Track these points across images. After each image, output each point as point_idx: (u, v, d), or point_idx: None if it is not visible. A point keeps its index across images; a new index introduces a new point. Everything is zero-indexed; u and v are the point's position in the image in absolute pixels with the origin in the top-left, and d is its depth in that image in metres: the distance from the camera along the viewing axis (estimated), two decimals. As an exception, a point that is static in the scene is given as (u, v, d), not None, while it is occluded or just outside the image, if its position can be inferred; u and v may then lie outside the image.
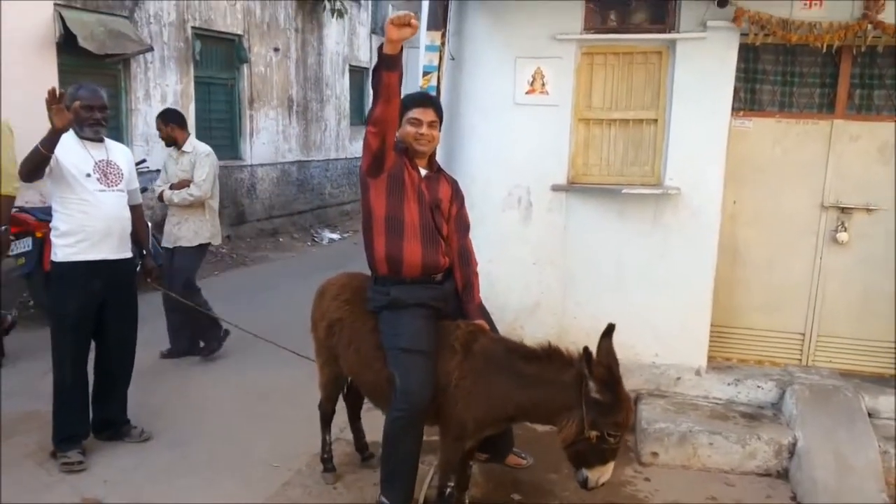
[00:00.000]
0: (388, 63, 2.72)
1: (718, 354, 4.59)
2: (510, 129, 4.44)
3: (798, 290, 4.44)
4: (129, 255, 4.06)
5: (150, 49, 8.60)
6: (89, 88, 3.93)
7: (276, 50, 11.22)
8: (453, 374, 2.98)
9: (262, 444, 4.10)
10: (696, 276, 4.30)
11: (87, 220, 3.82)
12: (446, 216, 3.24)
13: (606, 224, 4.40)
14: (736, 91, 4.36)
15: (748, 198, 4.44)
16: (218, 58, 10.20)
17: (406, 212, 3.08)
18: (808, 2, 4.04)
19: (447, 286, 3.22)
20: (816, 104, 4.33)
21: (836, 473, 3.65)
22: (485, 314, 3.35)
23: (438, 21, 4.35)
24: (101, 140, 3.96)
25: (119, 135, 8.60)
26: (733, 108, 4.37)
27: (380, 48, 2.72)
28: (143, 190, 7.80)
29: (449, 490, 3.15)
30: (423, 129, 3.11)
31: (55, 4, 7.53)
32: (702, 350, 4.36)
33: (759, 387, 4.28)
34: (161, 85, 9.06)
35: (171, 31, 9.17)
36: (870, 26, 3.90)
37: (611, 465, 2.84)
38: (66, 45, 7.55)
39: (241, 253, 9.97)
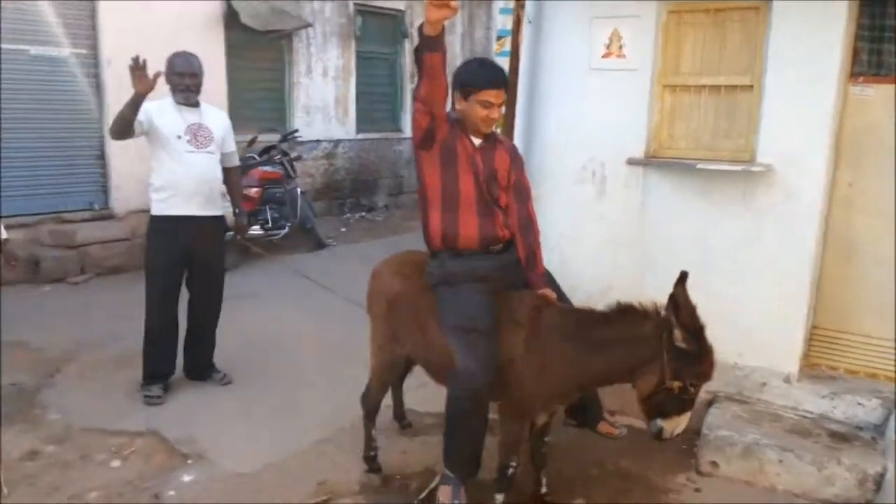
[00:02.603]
0: (430, 45, 2.61)
1: (823, 362, 3.95)
2: (585, 97, 4.10)
3: (926, 293, 3.67)
4: (217, 212, 4.35)
5: (309, 25, 9.10)
6: (182, 57, 4.21)
7: (441, 24, 11.34)
8: (518, 351, 2.86)
9: (322, 398, 4.22)
10: (792, 267, 3.71)
11: (177, 178, 4.15)
12: (504, 185, 3.09)
13: (688, 204, 3.92)
14: (856, 53, 3.68)
15: (867, 180, 3.73)
16: (380, 33, 10.54)
17: (461, 184, 2.97)
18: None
19: (507, 256, 3.09)
20: (954, 68, 3.52)
21: (926, 516, 3.00)
22: (552, 282, 3.20)
23: (513, -18, 4.13)
24: (195, 105, 4.25)
25: (282, 106, 9.27)
26: (853, 73, 3.70)
27: (420, 28, 2.62)
28: (298, 158, 8.42)
29: (511, 470, 3.02)
30: (494, 113, 2.98)
31: (224, -14, 8.21)
32: (794, 354, 3.77)
33: (859, 404, 3.61)
34: (322, 59, 9.57)
35: (332, 8, 9.62)
36: None
37: (687, 416, 2.72)
38: (231, 22, 8.20)
39: (395, 221, 10.29)
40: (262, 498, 3.25)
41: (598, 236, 4.18)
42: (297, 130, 8.51)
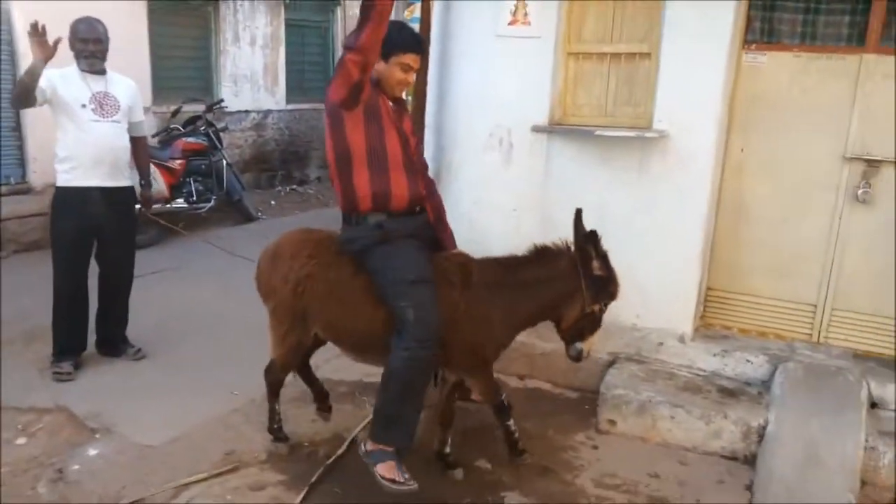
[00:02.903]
0: None
1: (718, 322, 4.12)
2: (491, 65, 4.13)
3: (812, 254, 3.85)
4: (124, 183, 4.27)
5: (235, -9, 8.90)
6: (86, 22, 4.09)
7: (374, -8, 11.21)
8: (460, 306, 2.93)
9: (234, 372, 4.20)
10: (685, 231, 3.84)
11: (81, 148, 4.05)
12: (412, 149, 3.12)
13: (589, 170, 4.01)
14: (750, 21, 3.80)
15: (759, 145, 3.88)
16: (311, 1, 10.35)
17: (387, 142, 2.93)
18: None
19: (425, 216, 3.13)
20: (844, 36, 3.66)
21: (800, 465, 3.19)
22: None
23: (422, -51, 4.11)
24: (101, 72, 4.14)
25: (208, 75, 9.06)
26: (746, 41, 3.82)
27: None
28: (225, 129, 8.28)
29: (505, 401, 3.21)
30: (411, 77, 2.99)
31: (143, -51, 7.94)
32: (688, 315, 3.92)
33: (748, 361, 3.79)
34: (251, 27, 9.37)
35: (261, -26, 9.41)
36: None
37: (598, 334, 3.10)
38: (155, -13, 7.96)
39: (327, 194, 10.22)
40: (168, 469, 3.25)
41: (505, 204, 4.25)
42: (222, 100, 8.35)
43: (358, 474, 3.06)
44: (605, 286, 3.02)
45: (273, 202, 9.18)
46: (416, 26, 4.14)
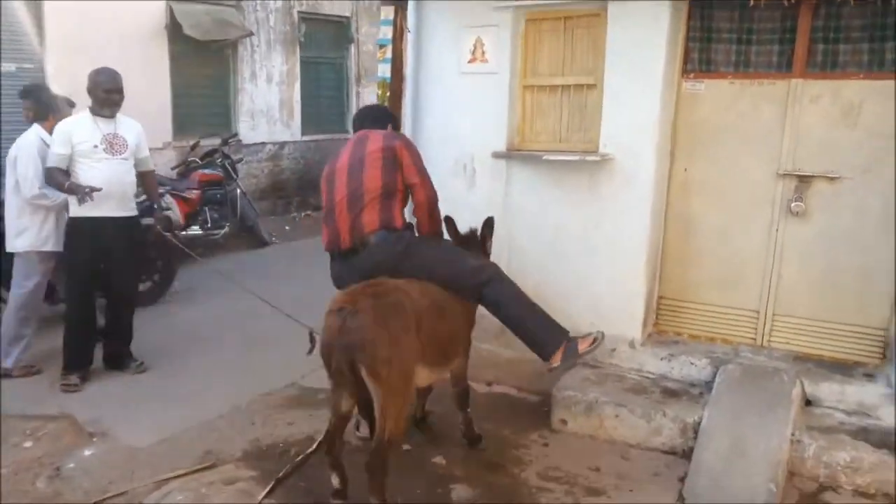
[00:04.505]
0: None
1: (670, 329, 4.41)
2: (456, 99, 4.54)
3: (752, 264, 4.13)
4: (130, 213, 4.75)
5: (251, 34, 9.49)
6: (107, 73, 4.59)
7: (387, 28, 11.76)
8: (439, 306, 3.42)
9: (227, 383, 4.63)
10: (631, 245, 4.15)
11: (92, 182, 4.53)
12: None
13: (544, 192, 4.37)
14: (688, 52, 4.15)
15: (700, 165, 4.19)
16: (325, 39, 10.95)
17: None
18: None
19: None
20: (774, 63, 3.97)
21: (726, 458, 3.44)
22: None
23: (391, -6, 4.56)
24: (112, 116, 4.64)
25: (226, 111, 9.66)
26: (685, 70, 4.15)
27: None
28: (240, 160, 8.82)
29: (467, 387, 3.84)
30: None
31: (167, -1, 8.61)
32: (636, 322, 4.21)
33: (692, 363, 4.07)
34: (267, 66, 9.97)
35: (277, 17, 10.02)
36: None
37: None
38: (174, 34, 8.59)
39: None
40: (152, 467, 3.63)
41: (470, 221, 4.56)
42: (237, 134, 8.92)
43: (324, 471, 3.38)
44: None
45: (287, 227, 9.68)
46: (387, 67, 4.60)
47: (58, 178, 4.42)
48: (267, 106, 10.00)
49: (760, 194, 4.05)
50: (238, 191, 8.32)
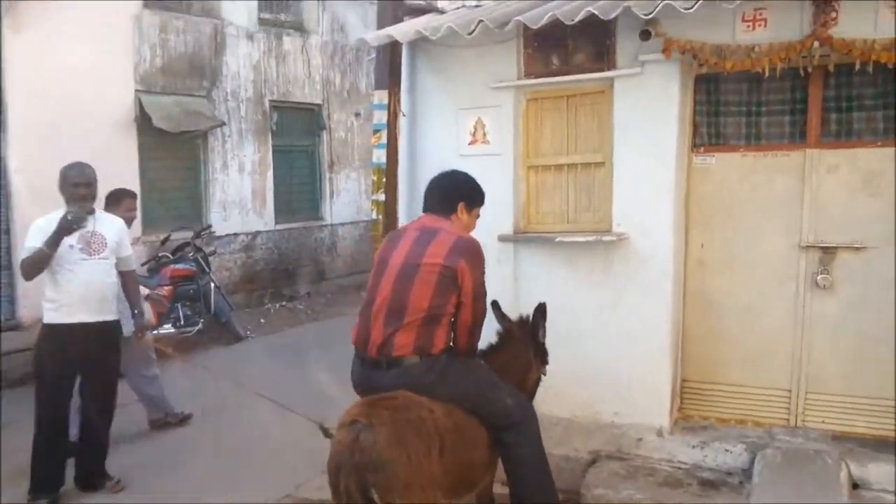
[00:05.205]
0: None
1: (696, 413, 4.17)
2: (457, 181, 4.36)
3: (780, 341, 3.95)
4: (109, 317, 4.34)
5: (223, 124, 9.33)
6: (76, 168, 4.25)
7: (358, 115, 11.76)
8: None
9: (217, 494, 4.19)
10: (653, 326, 3.96)
11: (69, 286, 4.14)
12: None
13: (556, 274, 4.18)
14: (696, 126, 4.08)
15: (717, 240, 4.06)
16: (297, 126, 10.86)
17: None
18: (750, 23, 3.69)
19: None
20: (787, 134, 3.91)
21: (785, 554, 3.16)
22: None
23: (385, 80, 4.44)
24: (90, 213, 4.31)
25: (198, 203, 9.37)
26: (694, 145, 4.07)
27: None
28: (213, 253, 8.51)
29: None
30: None
31: (136, 90, 8.43)
32: (663, 408, 3.97)
33: (727, 450, 3.81)
34: (238, 155, 9.76)
35: (248, 106, 9.90)
36: (816, 44, 3.49)
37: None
38: (144, 125, 8.38)
39: (317, 308, 10.33)
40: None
41: (480, 310, 4.37)
42: (210, 226, 8.62)
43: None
44: (544, 352, 3.46)
45: (263, 320, 9.27)
46: (382, 153, 4.43)
47: (32, 263, 4.06)
48: (239, 196, 9.74)
49: (783, 268, 3.92)
50: (211, 285, 7.95)
